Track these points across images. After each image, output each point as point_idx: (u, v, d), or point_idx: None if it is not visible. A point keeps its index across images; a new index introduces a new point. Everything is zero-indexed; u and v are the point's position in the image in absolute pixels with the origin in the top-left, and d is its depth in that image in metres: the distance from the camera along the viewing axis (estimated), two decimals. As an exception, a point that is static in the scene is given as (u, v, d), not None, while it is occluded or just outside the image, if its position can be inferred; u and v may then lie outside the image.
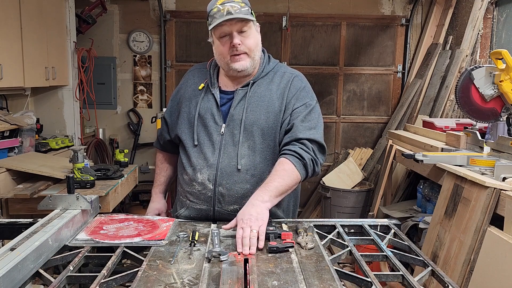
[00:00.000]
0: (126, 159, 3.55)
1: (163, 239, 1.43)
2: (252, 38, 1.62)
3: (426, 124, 3.66)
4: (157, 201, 1.94)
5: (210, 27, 1.59)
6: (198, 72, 1.80)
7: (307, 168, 1.60)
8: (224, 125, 1.66)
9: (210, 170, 1.64)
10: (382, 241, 1.53)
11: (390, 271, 1.33)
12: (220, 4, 1.56)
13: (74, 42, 4.07)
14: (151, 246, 1.39)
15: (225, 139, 1.65)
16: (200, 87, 1.74)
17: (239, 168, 1.62)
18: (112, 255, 1.32)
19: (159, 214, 1.89)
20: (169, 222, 1.60)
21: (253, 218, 1.42)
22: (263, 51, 1.73)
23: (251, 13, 1.61)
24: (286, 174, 1.56)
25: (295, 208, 1.83)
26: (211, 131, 1.67)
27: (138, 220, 1.62)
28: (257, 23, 1.66)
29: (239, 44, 1.59)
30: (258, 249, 1.36)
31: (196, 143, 1.68)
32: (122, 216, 1.67)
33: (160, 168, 1.97)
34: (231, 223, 1.49)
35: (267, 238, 1.41)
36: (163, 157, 1.97)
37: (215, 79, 1.73)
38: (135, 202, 4.69)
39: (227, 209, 1.65)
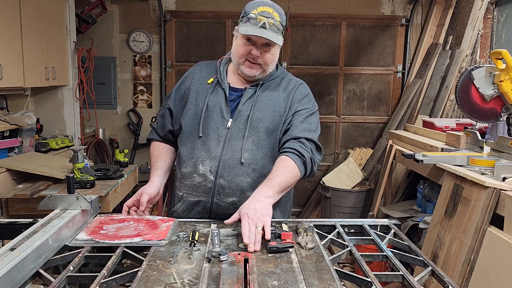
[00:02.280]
0: (126, 159, 3.55)
1: (163, 239, 1.43)
2: (271, 55, 1.69)
3: (426, 124, 3.65)
4: (151, 184, 1.78)
5: (239, 28, 1.65)
6: (206, 68, 1.83)
7: (306, 166, 1.65)
8: (231, 119, 1.69)
9: (213, 162, 1.67)
10: (382, 241, 1.53)
11: (390, 271, 1.33)
12: (260, 12, 1.61)
13: (74, 42, 4.07)
14: (151, 246, 1.39)
15: (230, 133, 1.68)
16: (209, 81, 1.77)
17: (242, 161, 1.65)
18: (112, 255, 1.32)
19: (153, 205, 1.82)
20: (169, 222, 1.60)
21: (258, 213, 1.44)
22: None
23: (282, 31, 1.66)
24: (287, 170, 1.60)
25: (290, 208, 1.87)
26: (217, 124, 1.70)
27: (138, 220, 1.62)
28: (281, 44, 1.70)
29: (257, 56, 1.66)
30: (265, 240, 1.38)
31: (201, 134, 1.69)
32: (122, 216, 1.67)
33: (157, 156, 1.85)
34: (234, 217, 1.49)
35: (267, 238, 1.41)
36: (162, 146, 1.87)
37: (225, 76, 1.78)
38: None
39: (226, 201, 1.67)
